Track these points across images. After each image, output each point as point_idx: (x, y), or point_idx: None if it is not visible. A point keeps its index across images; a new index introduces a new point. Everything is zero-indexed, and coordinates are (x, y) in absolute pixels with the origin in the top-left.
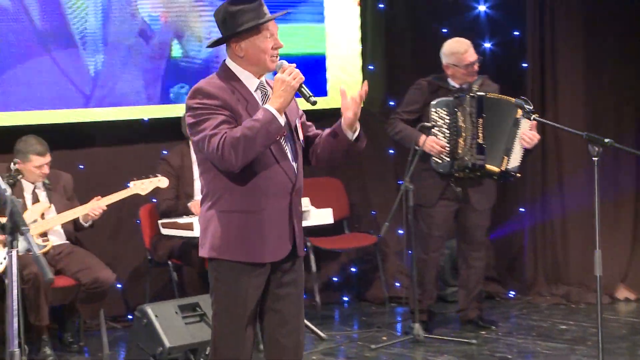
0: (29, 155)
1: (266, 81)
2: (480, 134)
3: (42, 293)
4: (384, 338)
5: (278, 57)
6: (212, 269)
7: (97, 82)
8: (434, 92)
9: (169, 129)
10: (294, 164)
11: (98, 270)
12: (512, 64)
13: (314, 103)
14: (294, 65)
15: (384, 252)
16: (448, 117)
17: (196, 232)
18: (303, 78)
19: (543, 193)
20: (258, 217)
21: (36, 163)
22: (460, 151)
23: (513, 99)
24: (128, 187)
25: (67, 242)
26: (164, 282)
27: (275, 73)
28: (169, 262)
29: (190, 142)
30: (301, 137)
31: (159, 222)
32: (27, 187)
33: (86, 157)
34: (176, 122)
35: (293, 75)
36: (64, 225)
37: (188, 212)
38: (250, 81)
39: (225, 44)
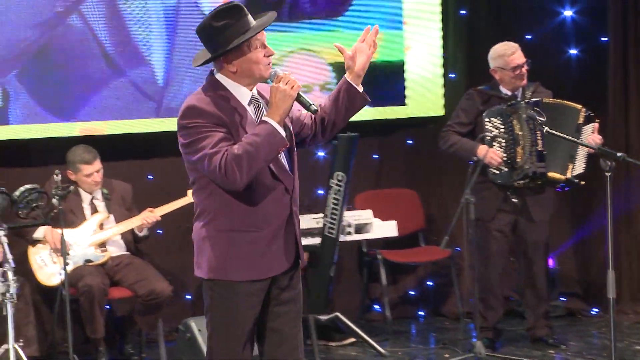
0: (77, 164)
1: (258, 92)
2: (540, 141)
3: (96, 305)
4: (446, 355)
5: (271, 65)
6: (207, 288)
7: (165, 91)
8: (486, 102)
9: None
10: (291, 174)
11: (154, 281)
12: (599, 70)
13: (315, 111)
14: (289, 72)
15: (460, 266)
16: (503, 127)
17: None
18: (300, 86)
19: (628, 203)
20: (258, 235)
21: (85, 172)
22: (519, 160)
23: (573, 104)
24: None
25: (127, 252)
26: None
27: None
28: None
29: None
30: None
31: None
32: (85, 198)
33: (155, 167)
34: None
35: (290, 84)
36: (123, 236)
37: None
38: (242, 95)
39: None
